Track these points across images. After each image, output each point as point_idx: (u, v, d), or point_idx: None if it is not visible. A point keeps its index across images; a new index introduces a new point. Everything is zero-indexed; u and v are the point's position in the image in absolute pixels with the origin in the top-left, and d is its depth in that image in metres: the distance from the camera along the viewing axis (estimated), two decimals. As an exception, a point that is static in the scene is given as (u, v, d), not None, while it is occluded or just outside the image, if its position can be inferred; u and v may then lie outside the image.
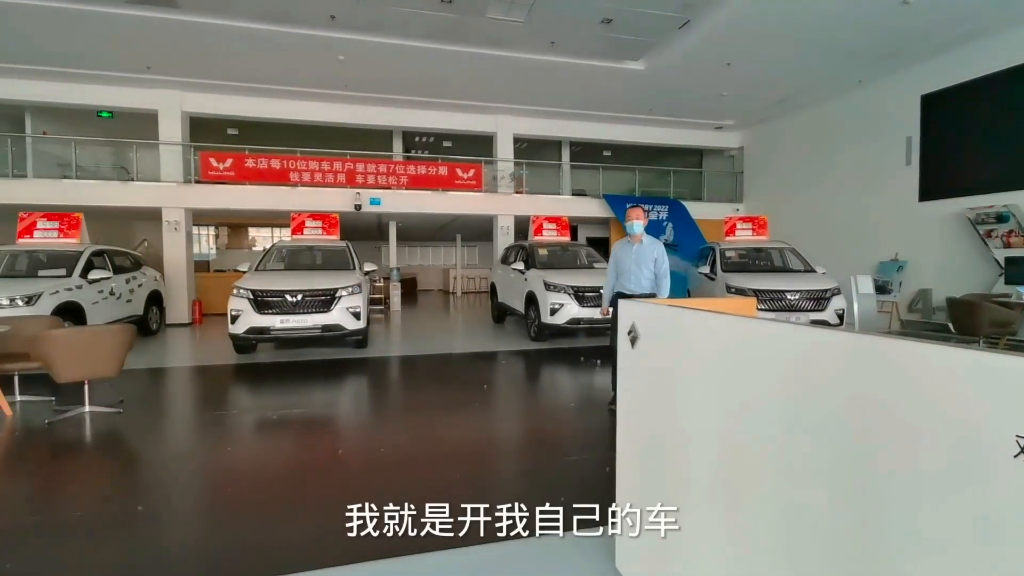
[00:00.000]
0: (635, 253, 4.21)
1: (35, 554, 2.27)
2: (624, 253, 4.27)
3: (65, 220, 7.82)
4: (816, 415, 1.15)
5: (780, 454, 1.26)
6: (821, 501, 1.14)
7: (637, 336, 1.82)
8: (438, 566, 2.07)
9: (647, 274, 4.18)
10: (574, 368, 6.27)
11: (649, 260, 4.17)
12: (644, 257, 4.18)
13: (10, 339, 4.49)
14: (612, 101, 11.58)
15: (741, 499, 1.39)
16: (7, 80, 9.81)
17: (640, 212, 4.25)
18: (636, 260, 4.18)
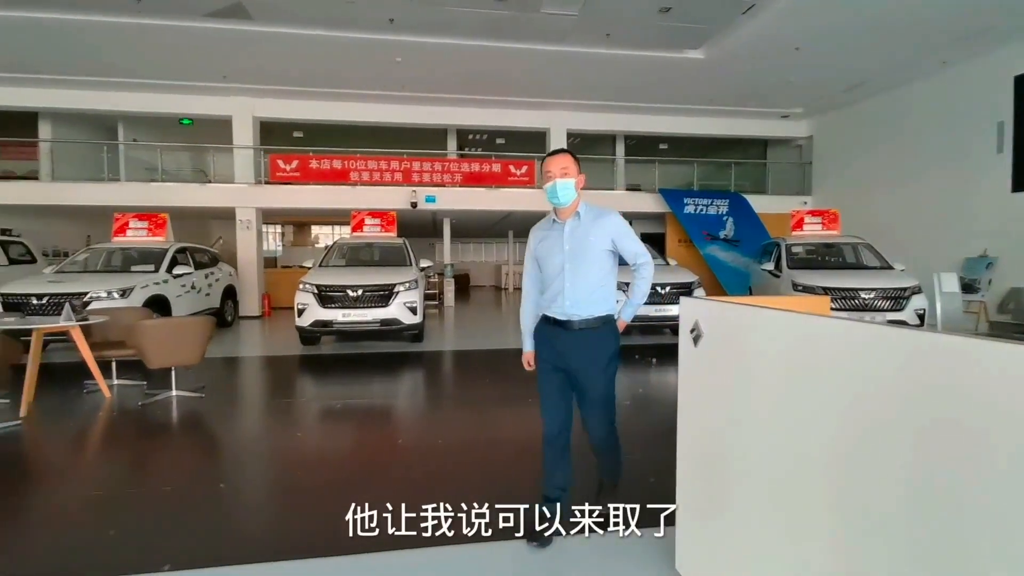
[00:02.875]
0: (568, 240, 2.14)
1: (133, 523, 2.51)
2: (548, 244, 2.20)
3: (153, 220, 8.52)
4: (893, 420, 1.09)
5: (852, 459, 1.20)
6: (897, 510, 1.07)
7: (700, 335, 1.77)
8: (499, 557, 2.11)
9: (594, 278, 2.14)
10: (627, 365, 6.17)
11: (597, 251, 2.13)
12: (585, 246, 2.12)
13: (108, 328, 4.97)
14: (669, 92, 11.25)
15: (807, 505, 1.34)
16: (103, 92, 10.78)
17: (565, 160, 2.15)
18: (572, 254, 2.13)
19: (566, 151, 2.24)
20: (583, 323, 2.14)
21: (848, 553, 1.21)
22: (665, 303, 7.05)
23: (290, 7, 7.68)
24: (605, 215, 2.20)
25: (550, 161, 2.21)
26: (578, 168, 2.20)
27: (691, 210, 12.13)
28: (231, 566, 2.11)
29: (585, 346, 2.15)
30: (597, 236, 2.15)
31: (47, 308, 6.06)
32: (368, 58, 9.37)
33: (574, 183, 2.17)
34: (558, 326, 2.18)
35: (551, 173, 2.16)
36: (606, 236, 2.15)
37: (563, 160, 2.18)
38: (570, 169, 2.16)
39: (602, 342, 2.17)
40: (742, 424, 1.59)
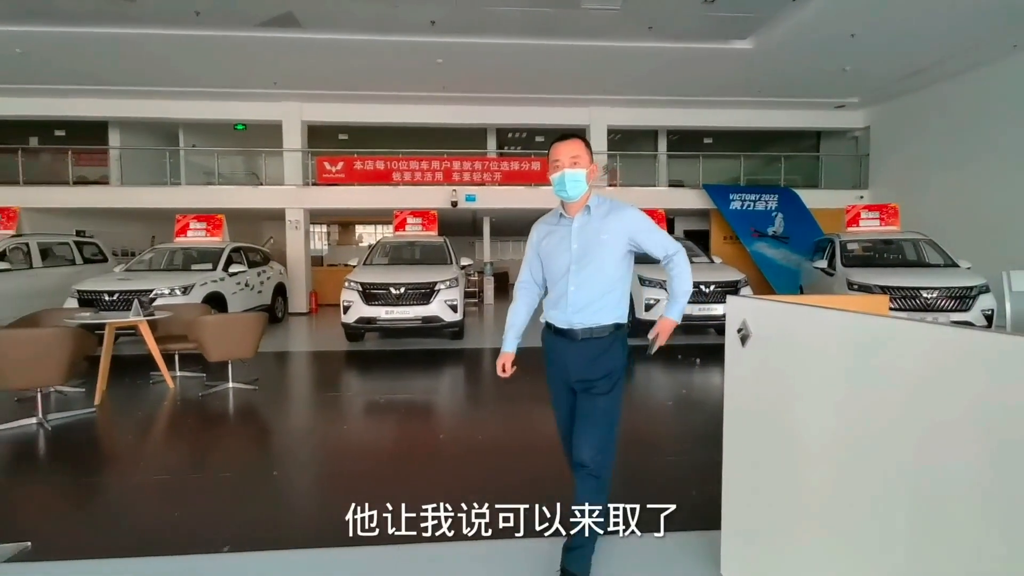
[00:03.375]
0: (576, 238, 1.88)
1: (196, 506, 2.67)
2: (553, 242, 1.95)
3: (211, 221, 8.98)
4: (961, 427, 1.03)
5: (916, 469, 1.14)
6: (968, 522, 1.02)
7: (748, 334, 1.73)
8: (542, 553, 2.13)
9: (603, 283, 1.87)
10: (671, 365, 6.06)
11: (609, 251, 1.86)
12: (596, 246, 1.86)
13: (171, 323, 5.29)
14: (715, 85, 10.92)
15: (866, 515, 1.28)
16: (165, 102, 11.46)
17: (575, 147, 1.88)
18: (580, 254, 1.87)
19: (577, 136, 1.94)
20: (587, 333, 1.88)
21: (909, 564, 1.15)
22: (710, 302, 6.87)
23: (337, 14, 7.92)
24: (619, 210, 1.90)
25: (558, 148, 1.89)
26: (590, 156, 1.92)
27: (737, 206, 11.74)
28: (285, 550, 2.21)
29: (588, 358, 1.89)
30: (611, 235, 1.86)
31: (117, 304, 6.50)
32: (410, 60, 9.54)
33: (585, 174, 1.87)
34: (560, 336, 1.94)
35: (559, 162, 1.87)
36: (622, 235, 1.86)
37: (573, 147, 1.89)
38: (581, 158, 1.88)
39: (607, 354, 1.89)
40: (794, 428, 1.54)
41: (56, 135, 12.80)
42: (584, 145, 1.93)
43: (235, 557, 2.17)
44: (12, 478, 3.16)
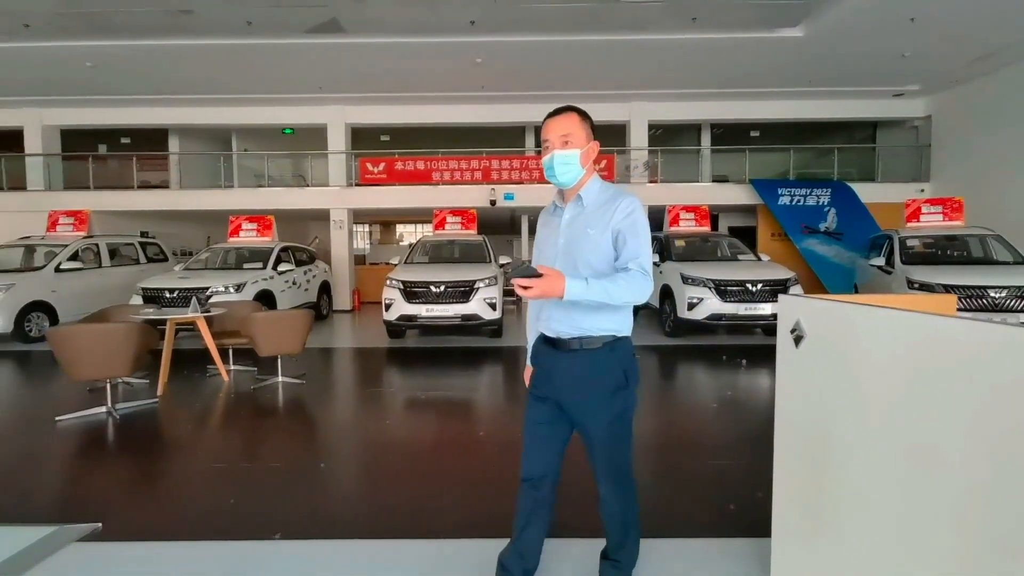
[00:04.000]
0: (564, 231, 1.66)
1: (249, 494, 2.79)
2: (544, 235, 1.76)
3: (261, 221, 9.38)
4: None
5: (984, 475, 1.07)
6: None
7: (802, 335, 1.65)
8: (589, 554, 2.11)
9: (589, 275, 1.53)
10: (715, 367, 5.89)
11: (599, 248, 1.58)
12: (582, 241, 1.61)
13: (225, 319, 5.55)
14: (762, 75, 10.52)
15: (928, 527, 1.21)
16: (219, 108, 12.03)
17: (567, 123, 1.60)
18: (566, 250, 1.63)
19: (572, 109, 1.62)
20: (576, 342, 1.60)
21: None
22: (757, 301, 6.63)
23: (379, 18, 8.09)
24: (616, 199, 1.58)
25: (547, 125, 1.61)
26: (588, 134, 1.62)
27: (786, 201, 11.28)
28: (333, 540, 2.28)
29: (579, 373, 1.61)
30: (599, 229, 1.56)
31: (177, 301, 6.88)
32: (449, 61, 9.65)
33: (579, 156, 1.59)
34: (550, 345, 1.68)
35: (548, 142, 1.60)
36: (608, 229, 1.56)
37: (564, 123, 1.59)
38: (574, 136, 1.58)
39: (601, 369, 1.60)
40: (852, 434, 1.47)
41: (122, 142, 13.68)
42: (579, 119, 1.61)
43: (286, 544, 2.26)
44: (84, 462, 3.40)
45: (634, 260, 1.53)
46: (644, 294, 1.51)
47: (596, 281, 1.45)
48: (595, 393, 1.61)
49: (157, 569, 2.10)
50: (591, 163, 1.64)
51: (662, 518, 2.45)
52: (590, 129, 1.64)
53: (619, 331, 1.62)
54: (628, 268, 1.52)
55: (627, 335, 1.66)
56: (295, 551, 2.21)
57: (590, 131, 1.64)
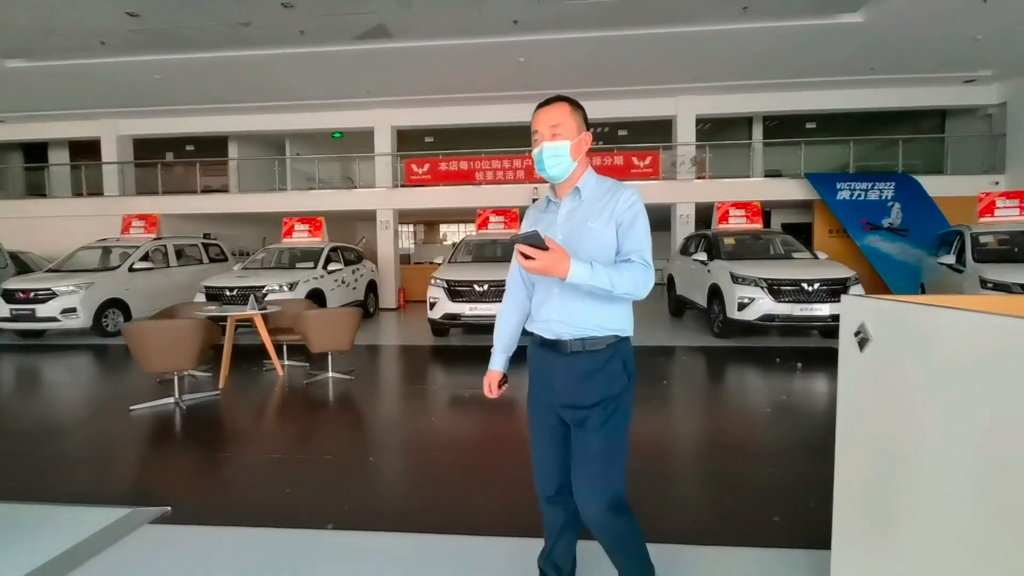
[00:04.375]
0: (562, 226, 1.56)
1: (303, 484, 2.91)
2: (540, 226, 1.56)
3: (312, 223, 9.75)
4: None
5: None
6: None
7: (867, 338, 1.57)
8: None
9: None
10: (767, 369, 5.66)
11: (601, 243, 1.50)
12: (583, 236, 1.51)
13: (280, 316, 5.80)
14: (818, 64, 10.01)
15: (994, 537, 1.12)
16: (274, 115, 12.60)
17: (557, 113, 1.52)
18: (566, 242, 1.47)
19: (562, 99, 1.54)
20: (579, 345, 1.51)
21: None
22: (813, 301, 6.33)
23: (424, 22, 8.24)
24: (615, 191, 1.53)
25: (536, 116, 1.54)
26: (580, 124, 1.54)
27: (846, 196, 10.70)
28: (383, 532, 2.35)
29: (578, 377, 1.52)
30: (600, 222, 1.49)
31: (237, 299, 7.25)
32: (493, 61, 9.71)
33: (568, 148, 1.50)
34: (547, 348, 1.58)
35: (538, 134, 1.53)
36: (611, 222, 1.49)
37: (553, 113, 1.52)
38: (563, 127, 1.50)
39: (602, 373, 1.51)
40: (921, 443, 1.38)
41: (187, 150, 14.57)
42: (570, 108, 1.53)
43: (338, 534, 2.34)
44: (154, 450, 3.64)
45: (637, 252, 1.47)
46: (646, 287, 1.44)
47: (601, 267, 1.37)
48: (598, 397, 1.50)
49: (221, 552, 2.22)
50: (584, 155, 1.56)
51: (714, 525, 2.38)
52: (582, 119, 1.55)
53: (622, 331, 1.54)
54: (630, 260, 1.46)
55: (629, 335, 1.57)
56: (346, 541, 2.29)
57: (582, 121, 1.55)
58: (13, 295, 7.66)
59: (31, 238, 11.80)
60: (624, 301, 1.50)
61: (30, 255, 10.81)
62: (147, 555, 2.19)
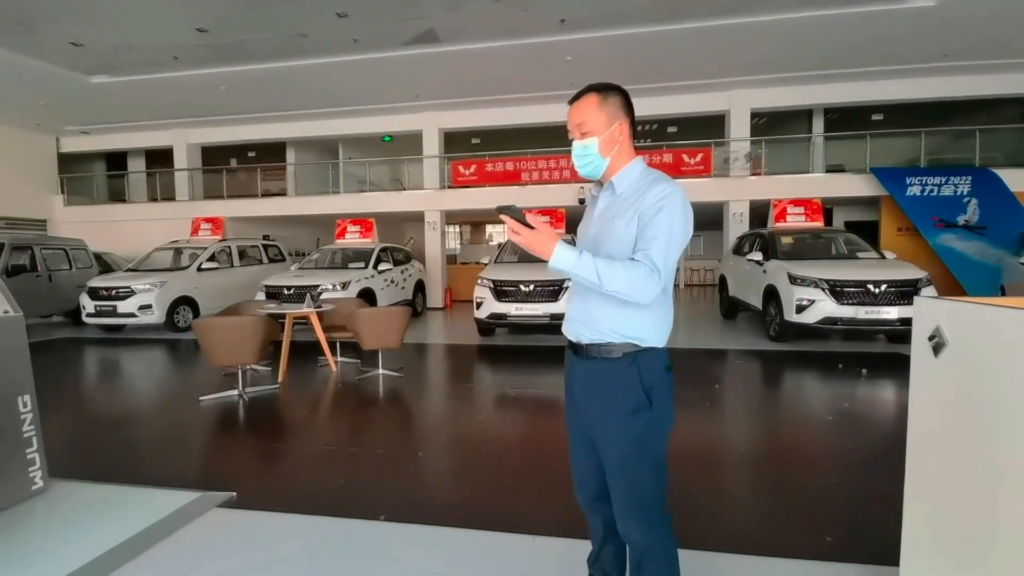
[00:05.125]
0: (596, 221, 1.47)
1: (356, 476, 3.02)
2: (581, 226, 1.58)
3: (363, 224, 10.08)
4: None
5: None
6: None
7: (943, 343, 1.46)
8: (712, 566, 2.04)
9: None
10: (828, 375, 5.38)
11: (627, 242, 1.35)
12: (610, 234, 1.39)
13: (334, 315, 6.03)
14: (886, 52, 9.41)
15: None
16: (328, 121, 13.11)
17: (585, 110, 1.40)
18: (595, 242, 1.43)
19: (591, 90, 1.41)
20: (595, 349, 1.41)
21: None
22: (880, 304, 5.96)
23: (472, 25, 8.35)
24: (653, 185, 1.35)
25: (568, 115, 1.44)
26: (611, 115, 1.39)
27: (916, 191, 10.01)
28: (432, 526, 2.40)
29: (593, 385, 1.43)
30: (627, 219, 1.35)
31: (294, 297, 7.60)
32: (539, 61, 9.70)
33: (596, 145, 1.40)
34: (570, 350, 1.53)
35: (570, 133, 1.46)
36: (636, 218, 1.34)
37: (579, 110, 1.41)
38: (590, 123, 1.39)
39: (617, 383, 1.38)
40: (1003, 456, 1.28)
41: (249, 156, 15.40)
42: (599, 99, 1.39)
43: (390, 526, 2.41)
44: (221, 438, 3.87)
45: (645, 251, 1.29)
46: (644, 291, 1.27)
47: (591, 257, 1.27)
48: (609, 410, 1.39)
49: (282, 537, 2.33)
50: (624, 146, 1.42)
51: (771, 535, 2.29)
52: (616, 108, 1.40)
53: (643, 340, 1.37)
54: (635, 257, 1.30)
55: (655, 346, 1.39)
56: (399, 533, 2.35)
57: (616, 110, 1.40)
58: (97, 292, 8.35)
59: (112, 240, 12.85)
60: (652, 307, 1.35)
61: (112, 256, 11.75)
62: (215, 537, 2.34)
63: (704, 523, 2.36)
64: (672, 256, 1.30)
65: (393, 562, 2.13)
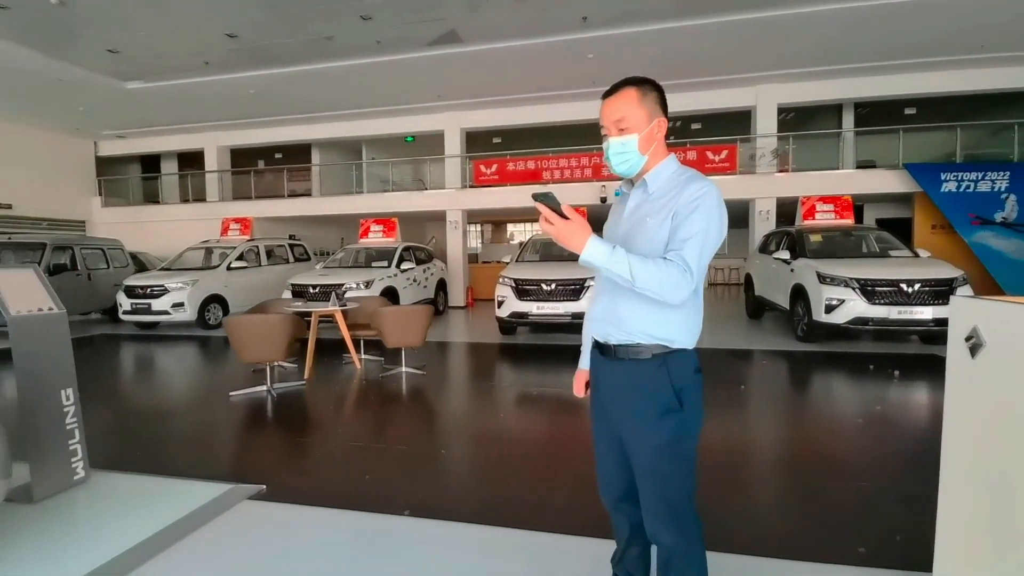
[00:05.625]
0: (626, 220, 1.45)
1: (381, 471, 3.07)
2: (609, 224, 1.55)
3: (386, 224, 10.21)
4: None
5: None
6: None
7: (980, 344, 1.42)
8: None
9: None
10: (858, 377, 5.24)
11: (659, 242, 1.32)
12: (642, 233, 1.37)
13: (358, 313, 6.13)
14: (920, 44, 9.10)
15: None
16: (352, 122, 13.32)
17: (622, 104, 1.36)
18: (625, 241, 1.38)
19: (629, 83, 1.36)
20: (623, 350, 1.39)
21: None
22: (913, 303, 5.78)
23: (493, 25, 8.38)
24: (689, 184, 1.32)
25: (602, 109, 1.39)
26: (651, 111, 1.35)
27: (951, 187, 9.66)
28: (454, 522, 2.43)
29: (622, 387, 1.41)
30: (660, 218, 1.32)
31: (319, 296, 7.75)
32: (561, 59, 9.68)
33: (636, 141, 1.35)
34: (596, 350, 1.50)
35: (604, 128, 1.40)
36: (670, 217, 1.31)
37: (618, 105, 1.35)
38: (630, 118, 1.34)
39: (647, 385, 1.36)
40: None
41: (276, 157, 15.75)
42: (638, 94, 1.35)
43: (414, 521, 2.45)
44: (251, 433, 3.98)
45: (677, 251, 1.25)
46: (675, 292, 1.23)
47: (625, 253, 1.22)
48: (638, 412, 1.37)
49: (310, 530, 2.39)
50: (660, 144, 1.39)
51: (799, 539, 2.25)
52: (655, 104, 1.36)
53: (673, 341, 1.35)
54: (667, 256, 1.26)
55: (685, 347, 1.37)
56: (422, 528, 2.39)
57: (654, 106, 1.36)
58: (133, 291, 8.66)
59: (147, 240, 13.31)
60: (683, 308, 1.33)
61: (146, 255, 12.16)
62: (246, 529, 2.41)
63: (731, 526, 2.34)
64: (706, 257, 1.28)
65: (416, 557, 2.16)
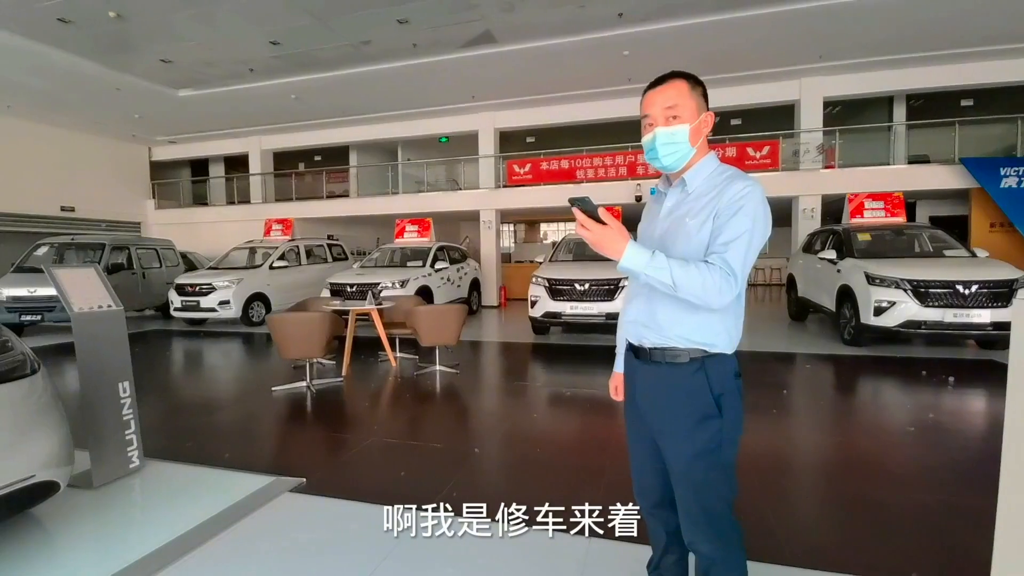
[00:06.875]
0: (664, 219, 1.39)
1: (416, 468, 3.12)
2: (645, 224, 1.52)
3: (421, 224, 10.36)
4: None
5: None
6: None
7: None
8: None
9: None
10: (910, 383, 4.99)
11: (698, 242, 1.27)
12: (681, 234, 1.31)
13: (394, 312, 6.24)
14: (977, 32, 8.57)
15: None
16: (388, 124, 13.57)
17: (674, 93, 1.30)
18: (663, 242, 1.35)
19: (679, 75, 1.32)
20: (659, 354, 1.35)
21: None
22: (970, 306, 5.45)
23: (528, 23, 8.37)
24: (731, 183, 1.27)
25: (648, 98, 1.32)
26: (700, 104, 1.32)
27: (1012, 183, 9.08)
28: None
29: (658, 391, 1.37)
30: (701, 218, 1.27)
31: (356, 294, 7.94)
32: (596, 57, 9.58)
33: (687, 132, 1.30)
34: (631, 353, 1.47)
35: (649, 118, 1.32)
36: (711, 217, 1.26)
37: (670, 93, 1.30)
38: (682, 108, 1.29)
39: (685, 390, 1.32)
40: None
41: (315, 160, 16.22)
42: (689, 86, 1.31)
43: (448, 517, 2.46)
44: (292, 427, 4.11)
45: (719, 254, 1.21)
46: (718, 296, 1.19)
47: (666, 259, 1.19)
48: (676, 417, 1.33)
49: (348, 524, 2.45)
50: (704, 140, 1.34)
51: (848, 552, 2.16)
52: (702, 98, 1.34)
53: (712, 345, 1.31)
54: (709, 260, 1.21)
55: (724, 352, 1.32)
56: (457, 525, 2.39)
57: (702, 100, 1.33)
58: (183, 289, 9.09)
59: (196, 240, 13.94)
60: (724, 312, 1.28)
61: (195, 255, 12.74)
62: (287, 521, 2.49)
63: (773, 536, 2.26)
64: (750, 260, 1.23)
65: (450, 553, 2.19)
